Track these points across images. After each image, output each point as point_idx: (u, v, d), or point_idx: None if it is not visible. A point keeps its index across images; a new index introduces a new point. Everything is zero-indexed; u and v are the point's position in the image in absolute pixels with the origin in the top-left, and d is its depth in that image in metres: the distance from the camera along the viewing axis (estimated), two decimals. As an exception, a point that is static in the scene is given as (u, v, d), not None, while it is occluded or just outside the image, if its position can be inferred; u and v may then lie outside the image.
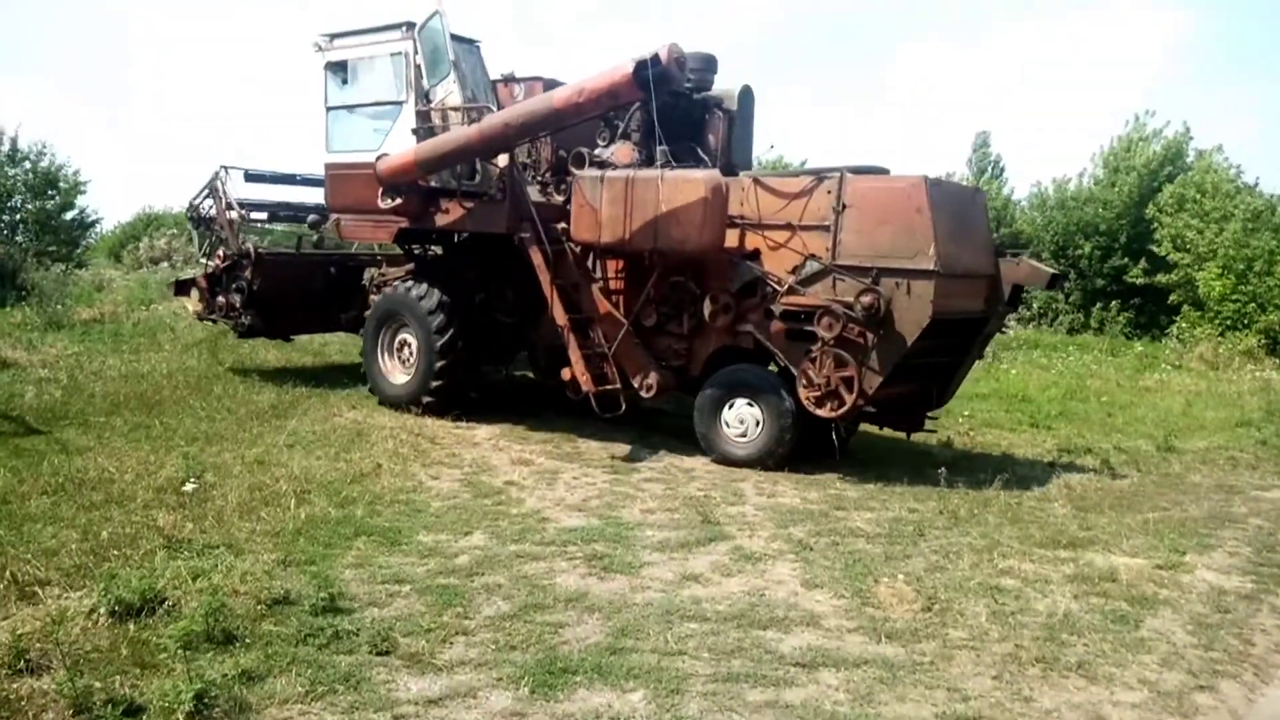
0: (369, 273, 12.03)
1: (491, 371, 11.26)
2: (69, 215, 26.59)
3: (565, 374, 9.02)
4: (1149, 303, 21.88)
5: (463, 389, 9.97)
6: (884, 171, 8.03)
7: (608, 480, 7.67)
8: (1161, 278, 20.77)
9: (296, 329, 12.47)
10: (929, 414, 8.83)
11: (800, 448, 8.21)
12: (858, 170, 7.85)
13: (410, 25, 9.77)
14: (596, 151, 9.00)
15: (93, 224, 28.62)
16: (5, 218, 26.10)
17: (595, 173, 8.54)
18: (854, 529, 6.48)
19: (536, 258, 9.01)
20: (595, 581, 5.24)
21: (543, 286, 9.04)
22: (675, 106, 8.73)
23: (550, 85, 9.47)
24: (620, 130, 9.11)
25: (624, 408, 8.75)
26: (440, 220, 9.77)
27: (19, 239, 25.25)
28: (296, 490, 6.60)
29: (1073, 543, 6.31)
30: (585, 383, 8.77)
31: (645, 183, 8.14)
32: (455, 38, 9.71)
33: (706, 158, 8.99)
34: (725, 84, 9.30)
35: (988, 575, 5.57)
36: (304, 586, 4.84)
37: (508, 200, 9.18)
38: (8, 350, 11.62)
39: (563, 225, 9.01)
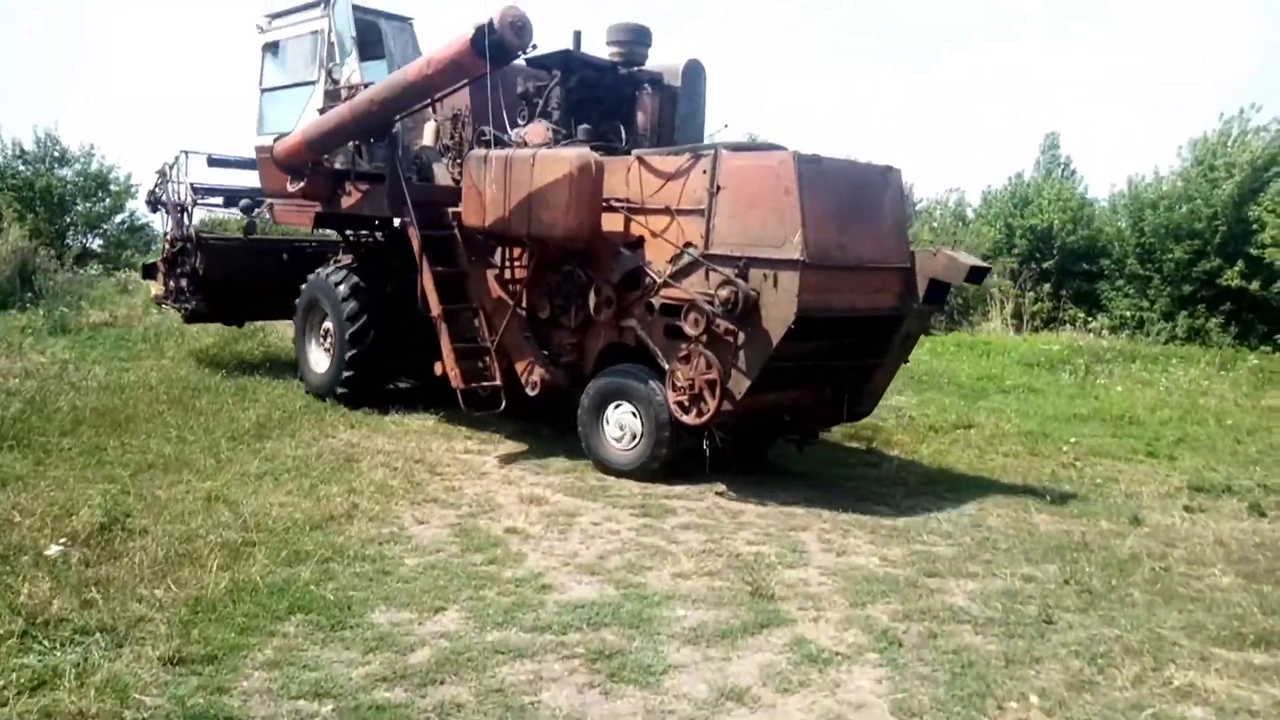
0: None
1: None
2: (119, 218, 26.18)
3: (437, 368, 8.44)
4: (1244, 309, 19.67)
5: (377, 381, 9.62)
6: (777, 149, 6.88)
7: (635, 526, 6.18)
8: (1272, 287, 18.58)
9: (246, 315, 12.14)
10: (848, 420, 7.96)
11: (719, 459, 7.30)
12: (739, 147, 7.04)
13: (326, 2, 9.41)
14: (514, 132, 8.25)
15: (141, 227, 28.15)
16: (58, 221, 25.73)
17: (481, 153, 7.90)
18: (955, 610, 4.87)
19: (414, 243, 8.49)
20: (597, 700, 3.73)
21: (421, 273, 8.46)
22: (599, 83, 8.19)
23: None
24: (539, 108, 8.29)
25: (503, 404, 8.12)
26: (344, 204, 9.31)
27: (68, 242, 24.85)
28: (237, 541, 5.23)
29: (1263, 638, 4.61)
30: (454, 378, 8.20)
31: (520, 163, 7.48)
32: (382, 14, 9.60)
33: (635, 137, 8.26)
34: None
35: (1160, 697, 3.93)
36: (177, 709, 3.43)
37: (386, 182, 8.73)
38: (-10, 356, 10.58)
39: (453, 210, 8.34)
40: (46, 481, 6.32)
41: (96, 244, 26.07)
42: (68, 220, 25.80)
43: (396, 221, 9.45)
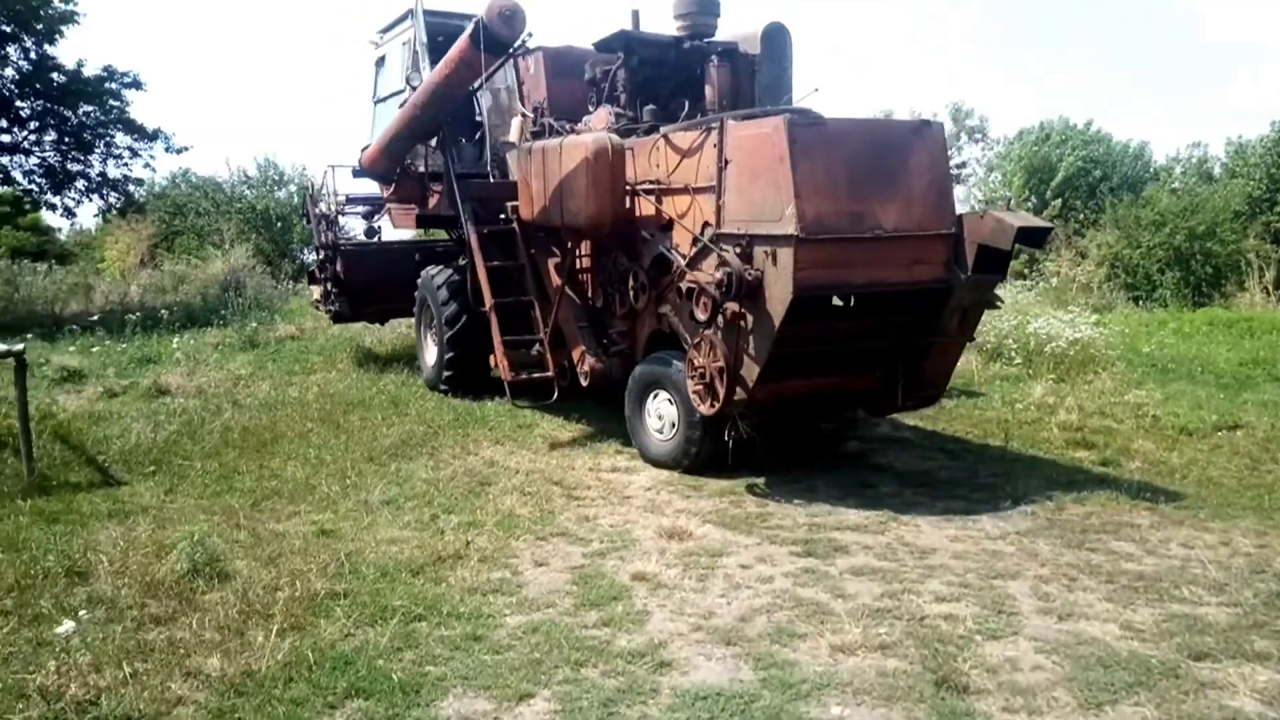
0: None
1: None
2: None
3: (492, 360, 8.59)
4: None
5: (476, 374, 9.76)
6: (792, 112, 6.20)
7: (793, 571, 5.03)
8: None
9: (385, 315, 12.70)
10: (908, 408, 7.22)
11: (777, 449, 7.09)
12: (751, 115, 6.45)
13: (413, 13, 9.91)
14: (584, 120, 8.12)
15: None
16: (280, 240, 27.53)
17: (528, 145, 7.91)
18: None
19: (470, 239, 8.71)
20: None
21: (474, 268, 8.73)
22: (663, 60, 7.77)
23: (556, 54, 8.80)
24: (605, 93, 8.02)
25: (555, 395, 8.18)
26: (431, 204, 9.98)
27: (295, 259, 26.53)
28: (321, 593, 4.57)
29: None
30: (503, 370, 8.32)
31: (551, 152, 7.45)
32: (455, 15, 9.77)
33: (705, 113, 7.59)
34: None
35: None
36: None
37: (444, 181, 9.38)
38: (170, 376, 10.81)
39: (512, 204, 8.46)
40: (168, 512, 6.01)
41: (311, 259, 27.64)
42: (289, 238, 27.51)
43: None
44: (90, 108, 20.35)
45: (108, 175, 20.93)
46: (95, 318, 15.47)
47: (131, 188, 21.37)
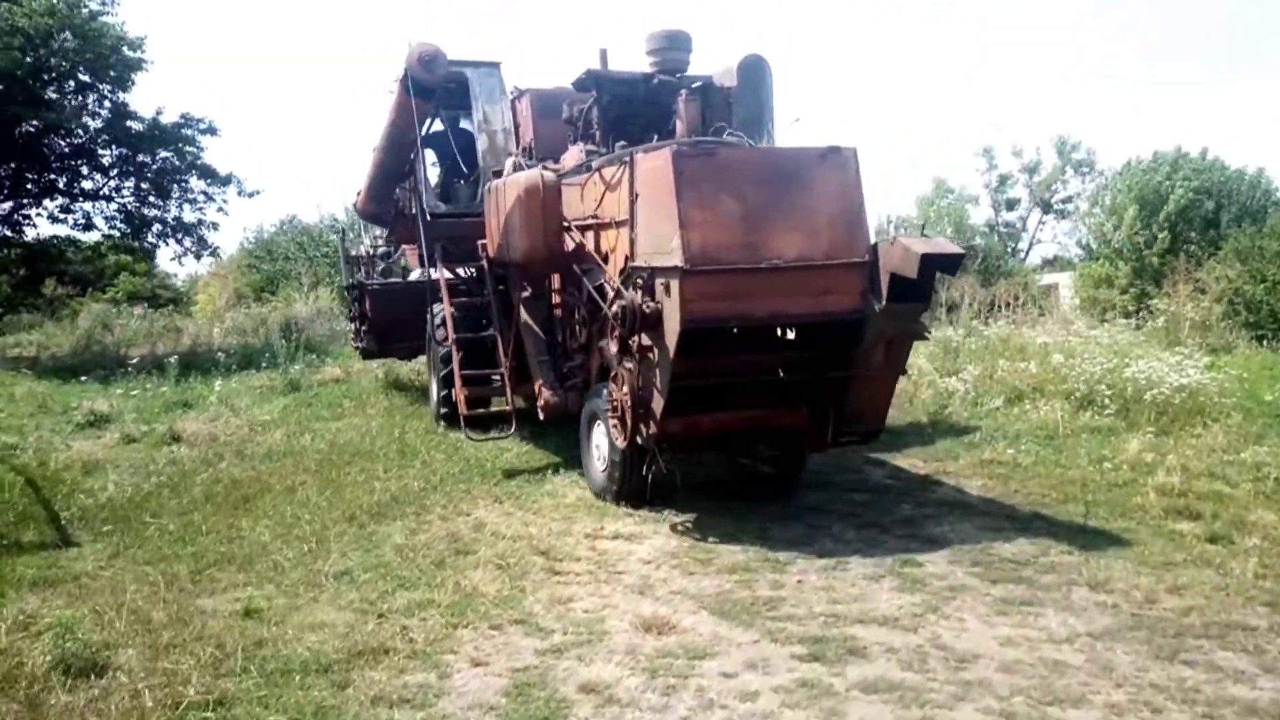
0: None
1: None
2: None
3: (455, 394, 8.84)
4: None
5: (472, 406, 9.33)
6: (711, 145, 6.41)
7: (788, 684, 3.97)
8: None
9: (411, 351, 12.50)
10: (841, 444, 6.89)
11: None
12: (656, 149, 6.32)
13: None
14: (562, 159, 8.06)
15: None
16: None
17: (490, 184, 8.26)
18: None
19: (440, 278, 9.47)
20: None
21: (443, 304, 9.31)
22: (633, 96, 7.63)
23: (542, 96, 8.83)
24: (580, 131, 7.92)
25: (514, 427, 8.50)
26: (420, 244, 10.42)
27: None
28: (201, 701, 3.75)
29: None
30: (460, 403, 8.65)
31: (499, 190, 7.78)
32: (468, 63, 9.93)
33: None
34: None
35: None
36: None
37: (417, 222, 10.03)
38: (190, 422, 10.39)
39: (481, 242, 8.73)
40: (100, 581, 5.35)
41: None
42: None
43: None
44: (167, 153, 20.77)
45: (183, 219, 21.26)
46: (134, 361, 15.38)
47: (205, 232, 21.62)
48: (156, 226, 21.35)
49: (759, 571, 5.53)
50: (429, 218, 9.99)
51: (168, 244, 21.86)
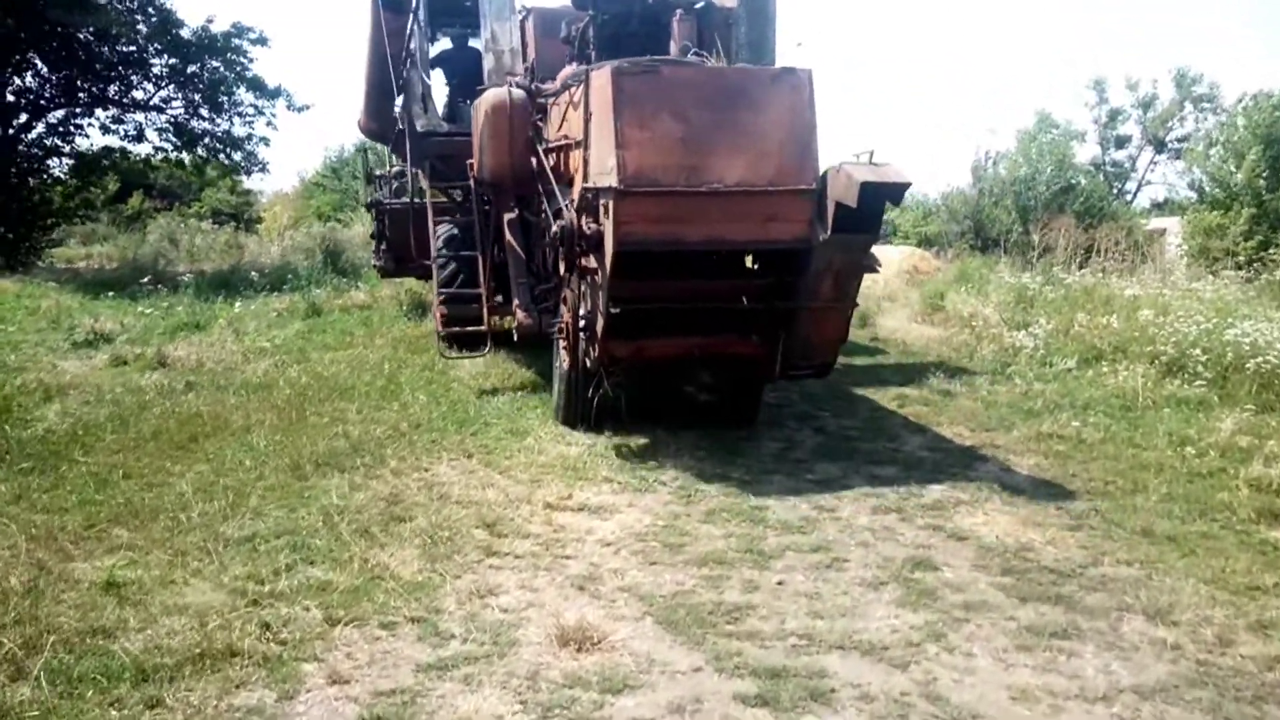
0: None
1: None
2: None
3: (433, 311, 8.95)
4: None
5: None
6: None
7: (717, 743, 3.03)
8: None
9: (426, 271, 11.37)
10: (791, 377, 6.75)
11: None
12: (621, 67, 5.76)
13: None
14: (557, 79, 7.68)
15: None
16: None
17: (475, 102, 8.14)
18: None
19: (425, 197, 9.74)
20: None
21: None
22: (629, 15, 7.30)
23: (544, 15, 8.73)
24: (577, 50, 7.54)
25: (488, 347, 8.40)
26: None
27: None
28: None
29: None
30: (436, 322, 8.76)
31: (476, 108, 7.73)
32: None
33: None
34: None
35: None
36: None
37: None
38: (183, 347, 9.80)
39: (470, 161, 8.38)
40: (-20, 531, 4.69)
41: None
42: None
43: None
44: (216, 63, 20.18)
45: (232, 133, 20.76)
46: (145, 280, 14.91)
47: (254, 147, 21.11)
48: (206, 140, 20.91)
49: (735, 565, 4.57)
50: (416, 135, 9.65)
51: (217, 159, 21.41)
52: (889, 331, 11.69)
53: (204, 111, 20.72)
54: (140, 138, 20.75)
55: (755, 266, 6.59)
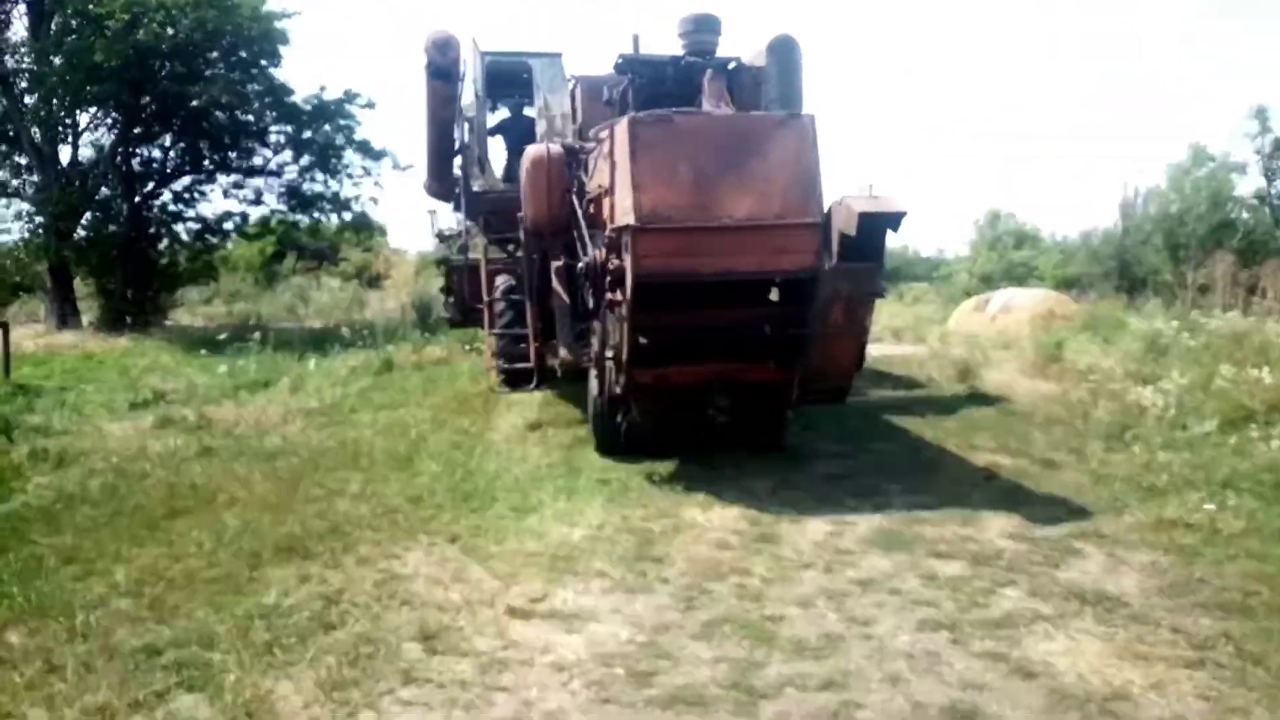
0: None
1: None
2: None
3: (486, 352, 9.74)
4: None
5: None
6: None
7: None
8: None
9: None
10: (809, 401, 7.29)
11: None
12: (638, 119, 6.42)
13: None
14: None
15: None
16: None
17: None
18: None
19: (478, 249, 10.62)
20: None
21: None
22: (663, 78, 7.69)
23: (590, 81, 8.84)
24: (617, 113, 7.65)
25: (535, 382, 8.58)
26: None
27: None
28: None
29: None
30: (488, 359, 9.61)
31: (521, 163, 7.80)
32: (529, 54, 11.11)
33: None
34: None
35: None
36: None
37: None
38: (224, 409, 9.49)
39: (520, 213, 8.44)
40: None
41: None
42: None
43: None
44: (328, 128, 20.71)
45: (340, 195, 21.21)
46: (221, 335, 14.85)
47: (363, 206, 21.51)
48: (319, 203, 21.43)
49: (712, 709, 3.53)
50: (472, 193, 10.85)
51: (329, 219, 21.93)
52: (994, 386, 10.24)
53: (317, 174, 21.27)
54: (258, 201, 21.48)
55: (777, 298, 6.90)
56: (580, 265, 7.09)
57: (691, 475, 6.86)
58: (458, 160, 11.39)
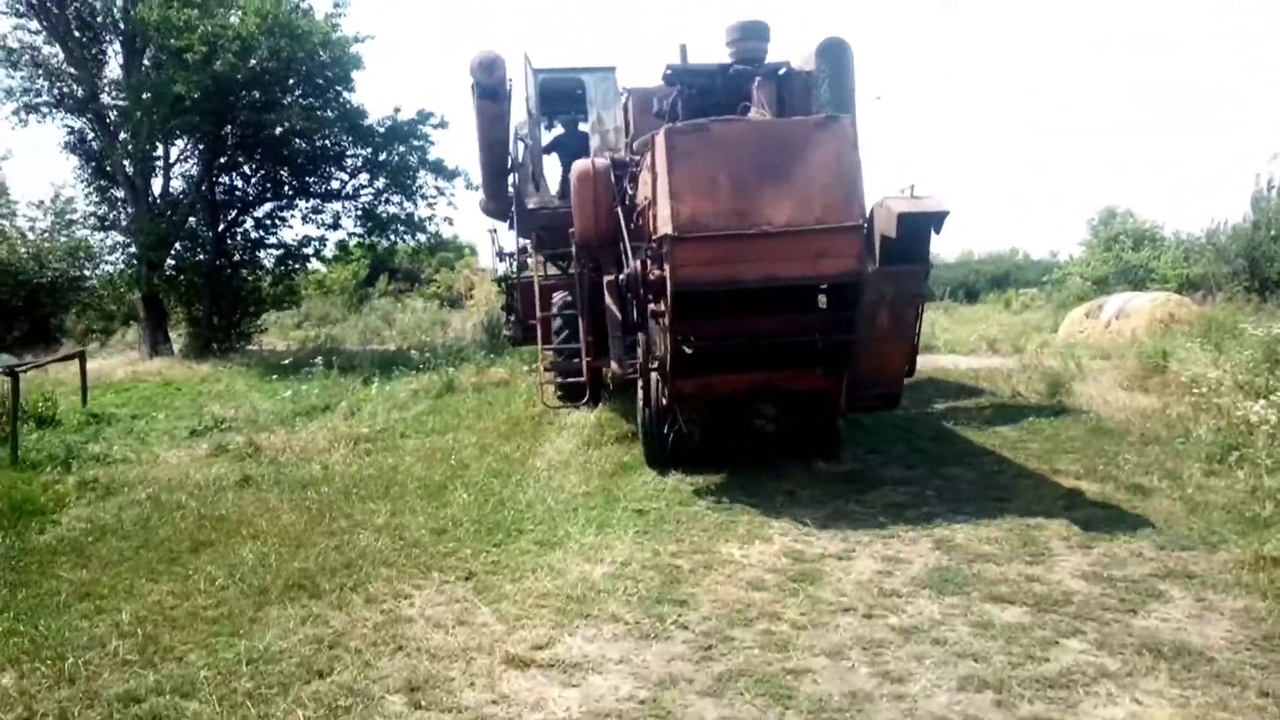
0: None
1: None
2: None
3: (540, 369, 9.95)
4: None
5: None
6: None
7: None
8: None
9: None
10: (861, 409, 7.32)
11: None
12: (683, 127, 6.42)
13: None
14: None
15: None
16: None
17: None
18: None
19: (533, 264, 10.95)
20: None
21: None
22: (712, 87, 7.59)
23: (641, 94, 8.63)
24: (666, 122, 7.34)
25: (586, 397, 8.84)
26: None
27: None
28: None
29: None
30: (540, 374, 9.81)
31: (571, 178, 8.06)
32: (583, 69, 11.03)
33: None
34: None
35: None
36: None
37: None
38: (280, 435, 9.45)
39: (572, 229, 8.47)
40: None
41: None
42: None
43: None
44: (403, 149, 20.93)
45: (414, 216, 21.38)
46: (286, 360, 15.04)
47: (437, 226, 21.67)
48: (394, 225, 21.64)
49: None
50: (525, 210, 10.96)
51: (405, 241, 22.14)
52: (1086, 399, 9.43)
53: (392, 196, 21.51)
54: (336, 225, 21.86)
55: (801, 301, 6.74)
56: (621, 277, 7.07)
57: (737, 504, 6.42)
58: (512, 178, 11.39)
